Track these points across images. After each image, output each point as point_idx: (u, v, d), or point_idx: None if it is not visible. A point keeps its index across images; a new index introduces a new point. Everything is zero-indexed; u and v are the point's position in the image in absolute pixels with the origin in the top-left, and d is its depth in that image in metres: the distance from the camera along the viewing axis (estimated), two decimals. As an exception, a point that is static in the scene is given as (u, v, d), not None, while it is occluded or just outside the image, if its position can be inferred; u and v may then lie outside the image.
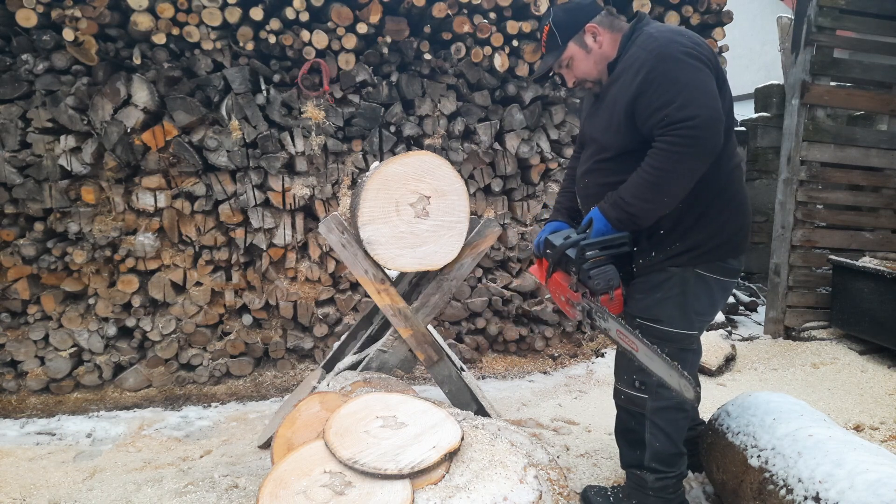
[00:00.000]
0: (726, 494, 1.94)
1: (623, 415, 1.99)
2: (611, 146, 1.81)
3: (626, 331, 1.74)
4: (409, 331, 2.36)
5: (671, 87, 1.61)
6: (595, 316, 1.80)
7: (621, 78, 1.74)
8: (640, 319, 1.87)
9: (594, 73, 1.86)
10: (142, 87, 3.19)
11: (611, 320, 1.76)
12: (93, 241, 3.30)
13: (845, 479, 1.46)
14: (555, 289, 1.91)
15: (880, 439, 2.66)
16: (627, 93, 1.70)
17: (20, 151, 3.20)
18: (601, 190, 1.83)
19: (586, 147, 1.97)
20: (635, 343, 1.73)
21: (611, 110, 1.78)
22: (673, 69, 1.62)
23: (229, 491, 2.20)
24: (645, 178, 1.65)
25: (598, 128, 1.85)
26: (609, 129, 1.79)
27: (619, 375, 1.97)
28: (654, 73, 1.63)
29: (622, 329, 1.75)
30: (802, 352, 3.91)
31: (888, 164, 4.19)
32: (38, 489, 2.37)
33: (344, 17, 3.27)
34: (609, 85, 1.82)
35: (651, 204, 1.67)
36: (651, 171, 1.64)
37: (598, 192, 1.84)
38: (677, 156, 1.59)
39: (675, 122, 1.58)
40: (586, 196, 1.95)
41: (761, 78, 6.73)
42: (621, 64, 1.76)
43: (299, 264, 3.60)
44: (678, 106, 1.58)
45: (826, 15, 3.99)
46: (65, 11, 2.98)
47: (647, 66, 1.65)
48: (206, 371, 3.54)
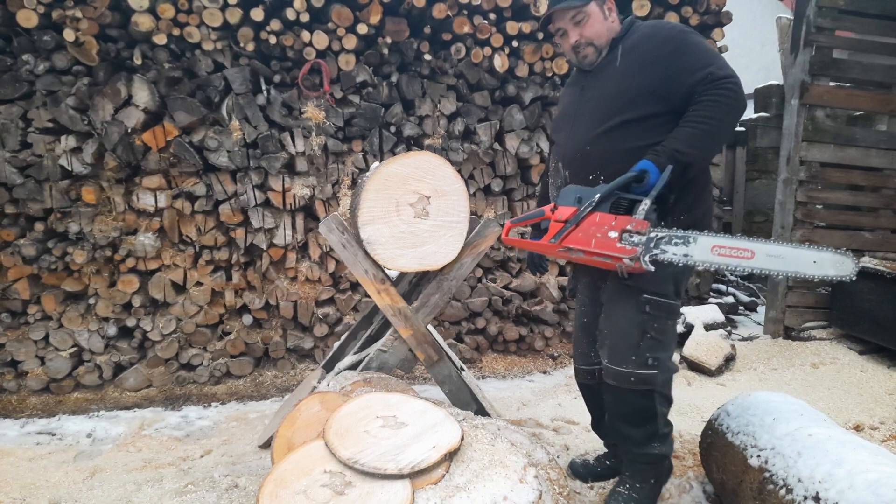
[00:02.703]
0: (726, 494, 1.94)
1: (630, 398, 1.92)
2: (630, 110, 1.82)
3: (728, 240, 1.60)
4: (409, 331, 2.36)
5: (707, 52, 1.78)
6: (673, 242, 1.67)
7: (636, 51, 1.84)
8: (647, 295, 1.86)
9: (602, 38, 1.90)
10: (142, 88, 3.19)
11: (701, 237, 1.65)
12: (93, 241, 3.30)
13: (845, 479, 1.46)
14: (589, 229, 1.72)
15: (880, 439, 2.67)
16: (652, 62, 1.79)
17: (21, 151, 3.20)
18: (627, 153, 1.80)
19: (579, 120, 1.94)
20: (748, 248, 1.59)
21: (625, 80, 1.83)
22: (701, 41, 1.81)
23: (229, 491, 2.20)
24: (699, 128, 1.71)
25: (606, 96, 1.87)
26: (624, 95, 1.82)
27: (624, 358, 1.89)
28: (686, 43, 1.78)
29: (722, 241, 1.61)
30: (802, 352, 3.91)
31: (888, 164, 4.19)
32: (38, 489, 2.37)
33: (344, 18, 3.27)
34: (619, 57, 1.87)
35: (704, 153, 1.75)
36: (705, 121, 1.71)
37: (622, 155, 1.82)
38: (726, 107, 1.71)
39: (720, 79, 1.72)
40: (603, 159, 1.86)
41: (761, 78, 6.73)
42: (631, 41, 1.87)
43: (299, 264, 3.60)
44: (718, 66, 1.74)
45: (825, 15, 3.99)
46: (66, 12, 2.99)
47: (676, 38, 1.79)
48: (207, 371, 3.54)
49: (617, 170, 1.77)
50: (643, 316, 1.87)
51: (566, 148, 1.97)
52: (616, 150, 1.83)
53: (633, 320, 1.88)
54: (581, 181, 1.88)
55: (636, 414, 1.93)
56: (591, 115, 1.89)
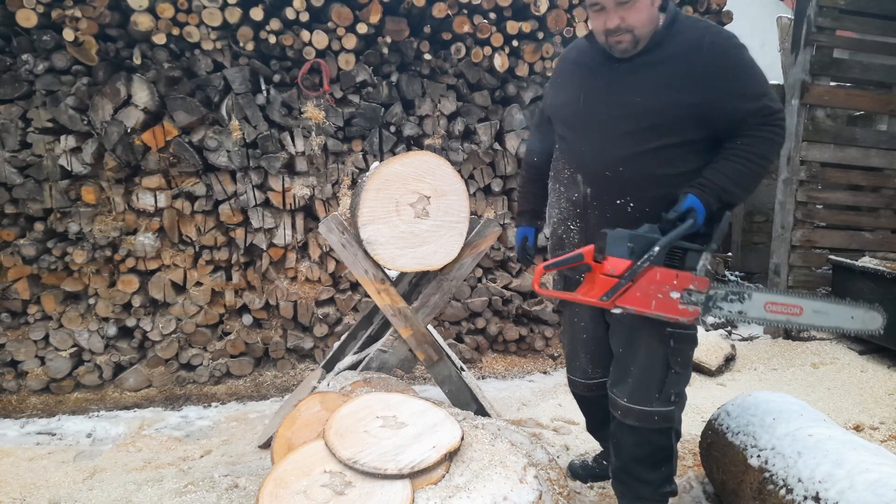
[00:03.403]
0: (726, 494, 1.94)
1: (651, 437, 1.78)
2: (671, 134, 1.60)
3: (779, 297, 1.58)
4: (409, 331, 2.36)
5: (761, 76, 1.60)
6: (728, 299, 1.58)
7: (682, 61, 1.58)
8: (671, 328, 1.69)
9: (645, 28, 1.60)
10: (142, 87, 3.19)
11: (755, 294, 1.59)
12: (93, 241, 3.30)
13: (845, 479, 1.46)
14: (648, 288, 1.54)
15: (880, 439, 2.67)
16: (702, 80, 1.56)
17: (20, 151, 3.20)
18: (661, 179, 1.61)
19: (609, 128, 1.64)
20: (797, 304, 1.57)
21: (668, 93, 1.58)
22: (749, 58, 1.60)
23: (229, 491, 2.20)
24: (748, 167, 1.56)
25: (645, 111, 1.60)
26: (665, 114, 1.58)
27: (649, 397, 1.73)
28: (742, 63, 1.58)
29: (775, 298, 1.58)
30: (802, 352, 3.91)
31: (888, 164, 4.19)
32: (38, 489, 2.37)
33: (344, 18, 3.27)
34: (660, 61, 1.60)
35: (747, 193, 1.62)
36: (754, 159, 1.56)
37: (656, 181, 1.61)
38: (774, 146, 1.60)
39: (774, 113, 1.58)
40: (636, 185, 1.64)
41: (761, 78, 6.71)
42: (676, 45, 1.60)
43: (299, 264, 3.60)
44: (771, 97, 1.58)
45: (826, 15, 3.99)
46: (65, 11, 2.98)
47: (731, 56, 1.57)
48: (206, 371, 3.54)
49: (649, 197, 1.61)
50: (667, 350, 1.71)
51: (589, 159, 1.69)
52: (651, 175, 1.62)
53: (657, 356, 1.72)
54: (605, 204, 1.67)
55: (654, 454, 1.80)
56: (625, 129, 1.62)
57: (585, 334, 1.96)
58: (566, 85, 1.78)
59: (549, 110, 1.88)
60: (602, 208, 1.69)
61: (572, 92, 1.74)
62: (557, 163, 1.83)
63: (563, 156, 1.80)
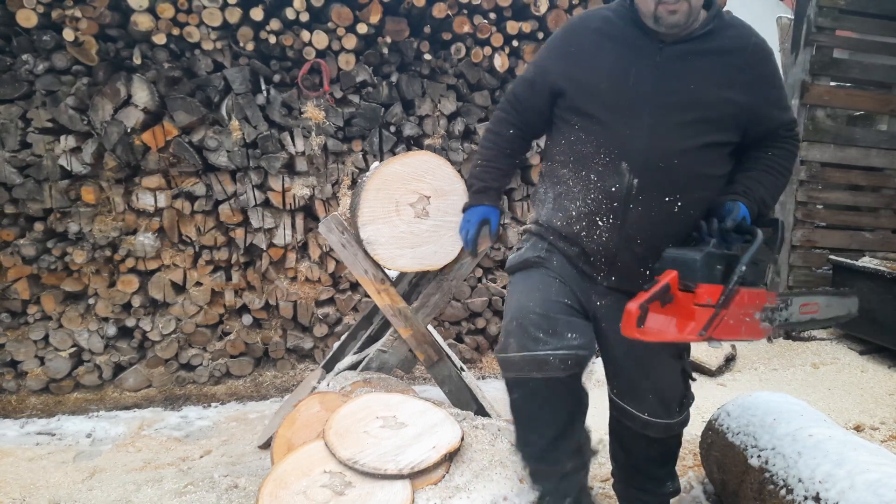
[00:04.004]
0: (726, 494, 1.94)
1: (669, 442, 1.75)
2: (719, 131, 1.48)
3: (806, 298, 1.54)
4: (409, 331, 2.36)
5: (784, 86, 1.60)
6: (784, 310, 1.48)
7: (733, 56, 1.48)
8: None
9: (699, 2, 1.45)
10: (142, 88, 3.19)
11: (794, 298, 1.51)
12: (93, 241, 3.30)
13: (845, 479, 1.46)
14: (738, 313, 1.36)
15: (880, 439, 2.66)
16: (748, 80, 1.48)
17: (20, 151, 3.20)
18: (708, 180, 1.49)
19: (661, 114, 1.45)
20: (816, 301, 1.56)
21: (720, 89, 1.46)
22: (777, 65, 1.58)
23: (229, 491, 2.20)
24: (782, 182, 1.55)
25: (701, 101, 1.45)
26: (717, 109, 1.46)
27: (672, 410, 1.66)
28: (775, 66, 1.54)
29: (804, 300, 1.54)
30: (802, 352, 3.91)
31: (888, 164, 4.19)
32: (37, 489, 2.37)
33: (344, 18, 3.27)
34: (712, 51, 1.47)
35: (773, 207, 1.59)
36: (786, 174, 1.56)
37: (705, 181, 1.49)
38: (795, 160, 1.61)
39: (795, 125, 1.58)
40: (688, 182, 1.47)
41: (761, 78, 6.72)
42: (726, 36, 1.49)
43: (299, 264, 3.60)
44: (790, 106, 1.62)
45: (826, 15, 3.99)
46: (65, 11, 2.98)
47: (770, 59, 1.53)
48: (206, 371, 3.54)
49: (696, 198, 1.47)
50: (682, 361, 1.67)
51: (640, 147, 1.46)
52: (701, 174, 1.48)
53: (676, 368, 1.65)
54: (653, 199, 1.47)
55: (668, 453, 1.80)
56: (678, 119, 1.45)
57: (568, 300, 1.58)
58: (597, 58, 1.51)
59: (563, 83, 1.55)
60: (648, 204, 1.46)
61: (612, 68, 1.49)
62: (583, 146, 1.53)
63: (593, 138, 1.51)
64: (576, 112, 1.54)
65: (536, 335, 1.47)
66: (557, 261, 1.59)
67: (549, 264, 1.59)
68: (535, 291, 1.55)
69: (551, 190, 1.62)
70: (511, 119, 1.72)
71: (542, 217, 1.64)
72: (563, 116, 1.58)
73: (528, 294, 1.55)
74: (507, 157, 1.77)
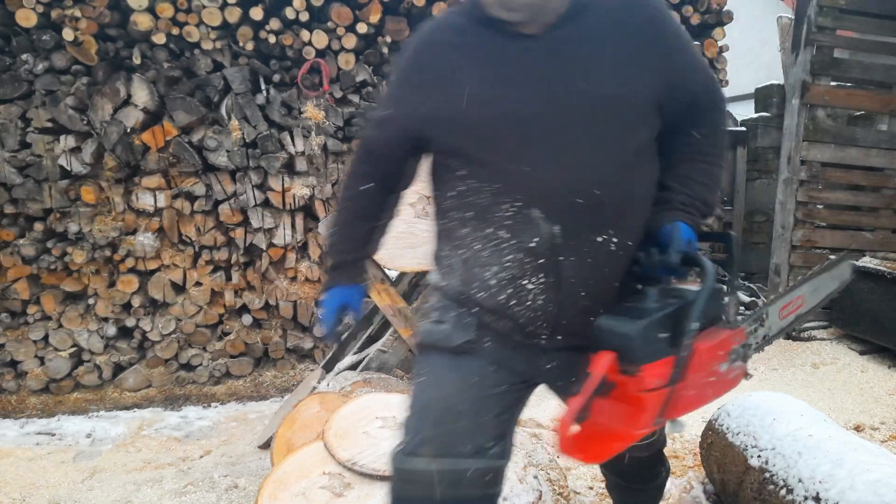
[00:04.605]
0: (726, 494, 1.94)
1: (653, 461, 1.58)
2: (643, 126, 1.15)
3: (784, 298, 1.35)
4: (409, 331, 2.36)
5: (691, 42, 1.25)
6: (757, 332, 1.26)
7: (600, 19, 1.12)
8: None
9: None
10: (141, 87, 3.19)
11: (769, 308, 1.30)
12: (93, 241, 3.29)
13: (846, 479, 1.46)
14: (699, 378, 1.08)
15: (880, 439, 2.66)
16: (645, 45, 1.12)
17: (20, 151, 3.20)
18: (643, 200, 1.16)
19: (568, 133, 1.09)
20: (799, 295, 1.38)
21: (624, 69, 1.10)
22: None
23: (229, 491, 2.20)
24: (717, 168, 1.24)
25: (608, 97, 1.09)
26: (628, 99, 1.11)
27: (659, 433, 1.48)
28: (674, 23, 1.19)
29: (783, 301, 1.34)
30: (802, 352, 3.91)
31: (888, 164, 4.19)
32: (37, 489, 2.37)
33: (344, 17, 3.27)
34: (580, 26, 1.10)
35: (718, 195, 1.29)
36: (719, 156, 1.25)
37: (639, 203, 1.16)
38: (727, 135, 1.29)
39: (718, 86, 1.26)
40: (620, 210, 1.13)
41: (761, 78, 6.72)
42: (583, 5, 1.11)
43: (299, 264, 3.60)
44: (707, 67, 1.25)
45: (826, 15, 3.99)
46: (65, 11, 2.98)
47: (658, 15, 1.16)
48: (206, 371, 3.54)
49: (631, 227, 1.14)
50: None
51: (549, 184, 1.09)
52: (631, 195, 1.14)
53: None
54: (582, 244, 1.11)
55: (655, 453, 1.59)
56: (587, 129, 1.09)
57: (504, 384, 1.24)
58: (458, 83, 1.12)
59: (421, 124, 1.19)
60: (579, 251, 1.11)
61: (481, 90, 1.10)
62: (477, 197, 1.14)
63: (487, 186, 1.12)
64: (453, 156, 1.15)
65: (463, 449, 1.14)
66: (490, 341, 1.23)
67: (480, 349, 1.22)
68: (466, 390, 1.19)
69: (455, 255, 1.21)
70: (365, 171, 1.31)
71: (454, 286, 1.23)
72: (442, 162, 1.19)
73: (458, 392, 1.19)
74: (365, 220, 1.36)
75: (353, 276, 1.43)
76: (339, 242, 1.40)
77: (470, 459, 1.14)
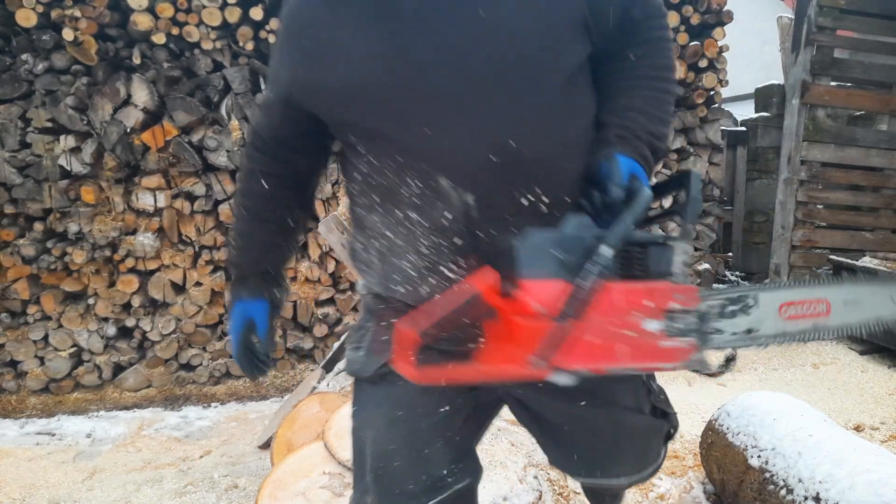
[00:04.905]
0: (726, 494, 1.94)
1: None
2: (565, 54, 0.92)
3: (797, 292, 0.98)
4: (409, 331, 2.35)
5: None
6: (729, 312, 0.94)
7: None
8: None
9: None
10: (141, 87, 3.19)
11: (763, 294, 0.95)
12: (92, 241, 3.29)
13: (846, 479, 1.46)
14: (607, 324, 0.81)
15: (880, 439, 2.66)
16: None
17: (20, 151, 3.20)
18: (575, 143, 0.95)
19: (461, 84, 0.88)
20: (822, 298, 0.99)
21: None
22: None
23: (229, 491, 2.20)
24: (664, 94, 1.00)
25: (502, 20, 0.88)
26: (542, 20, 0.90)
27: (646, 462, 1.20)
28: None
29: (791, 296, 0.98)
30: (802, 352, 3.91)
31: (888, 164, 4.19)
32: (37, 489, 2.37)
33: (344, 17, 3.27)
34: None
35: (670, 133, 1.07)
36: (664, 80, 1.01)
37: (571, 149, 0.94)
38: (672, 51, 1.05)
39: (657, 4, 1.03)
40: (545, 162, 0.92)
41: (761, 78, 6.72)
42: None
43: (299, 264, 3.60)
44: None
45: (826, 15, 3.99)
46: (64, 11, 2.98)
47: None
48: (206, 371, 3.54)
49: (567, 181, 0.94)
50: (650, 397, 1.16)
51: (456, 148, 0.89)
52: (563, 140, 0.93)
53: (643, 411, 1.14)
54: (505, 212, 0.91)
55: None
56: (505, 70, 0.89)
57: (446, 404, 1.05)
58: (341, 45, 0.92)
59: (309, 97, 0.99)
60: (502, 222, 0.92)
61: (368, 46, 0.90)
62: (381, 177, 0.96)
63: (389, 161, 0.94)
64: (351, 131, 0.98)
65: (406, 488, 1.02)
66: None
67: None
68: (394, 427, 1.03)
69: (371, 247, 1.04)
70: (260, 167, 1.10)
71: (373, 285, 1.06)
72: (344, 141, 1.04)
73: (385, 430, 1.04)
74: (266, 223, 1.14)
75: (257, 289, 1.17)
76: (239, 252, 1.18)
77: (423, 497, 1.02)
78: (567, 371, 0.80)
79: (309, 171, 1.15)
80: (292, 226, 1.17)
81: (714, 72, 3.92)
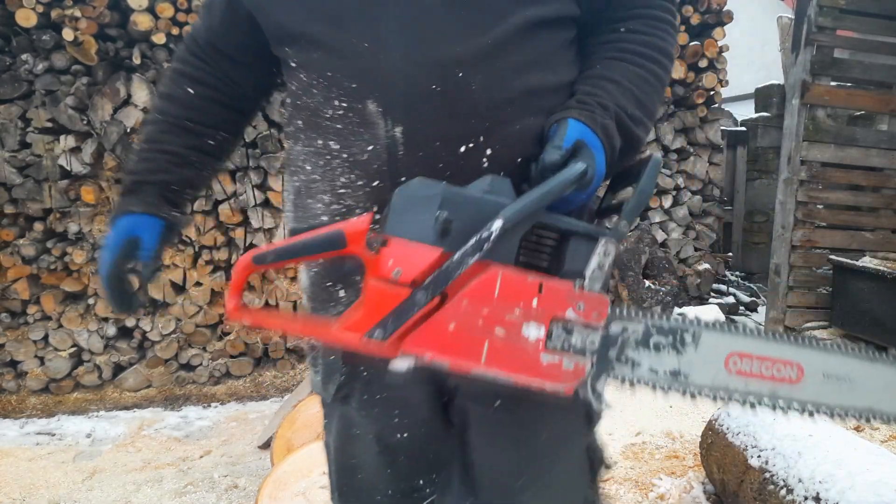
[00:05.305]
0: (726, 495, 1.94)
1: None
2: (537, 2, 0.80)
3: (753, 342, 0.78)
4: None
5: None
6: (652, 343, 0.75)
7: None
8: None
9: None
10: (141, 87, 3.19)
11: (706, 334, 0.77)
12: (92, 241, 3.30)
13: (846, 479, 1.46)
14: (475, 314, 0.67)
15: (880, 439, 2.66)
16: None
17: (20, 151, 3.20)
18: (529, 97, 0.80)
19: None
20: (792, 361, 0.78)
21: None
22: None
23: (229, 491, 2.20)
24: (648, 69, 0.85)
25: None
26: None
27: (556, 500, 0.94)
28: None
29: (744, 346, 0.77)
30: (803, 352, 3.91)
31: (888, 164, 4.19)
32: (37, 489, 2.37)
33: (344, 17, 3.27)
34: None
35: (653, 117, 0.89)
36: (652, 54, 0.86)
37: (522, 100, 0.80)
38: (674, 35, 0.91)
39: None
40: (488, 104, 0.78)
41: (762, 78, 6.72)
42: None
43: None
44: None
45: (826, 15, 3.99)
46: (65, 11, 2.98)
47: None
48: (206, 371, 3.54)
49: (517, 135, 0.80)
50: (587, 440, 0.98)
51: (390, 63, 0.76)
52: (521, 86, 0.80)
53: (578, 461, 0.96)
54: (435, 152, 0.77)
55: None
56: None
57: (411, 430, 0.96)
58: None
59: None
60: (429, 167, 0.76)
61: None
62: (309, 95, 0.83)
63: (318, 76, 0.81)
64: (288, 41, 0.85)
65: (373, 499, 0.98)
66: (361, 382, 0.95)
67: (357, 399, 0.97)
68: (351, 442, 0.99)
69: (290, 185, 0.92)
70: (190, 70, 0.97)
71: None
72: (281, 59, 0.89)
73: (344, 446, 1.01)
74: (184, 133, 0.97)
75: (151, 203, 0.94)
76: (140, 159, 0.97)
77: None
78: (411, 356, 0.68)
79: (244, 93, 1.00)
80: (212, 146, 1.00)
81: (714, 72, 3.93)
